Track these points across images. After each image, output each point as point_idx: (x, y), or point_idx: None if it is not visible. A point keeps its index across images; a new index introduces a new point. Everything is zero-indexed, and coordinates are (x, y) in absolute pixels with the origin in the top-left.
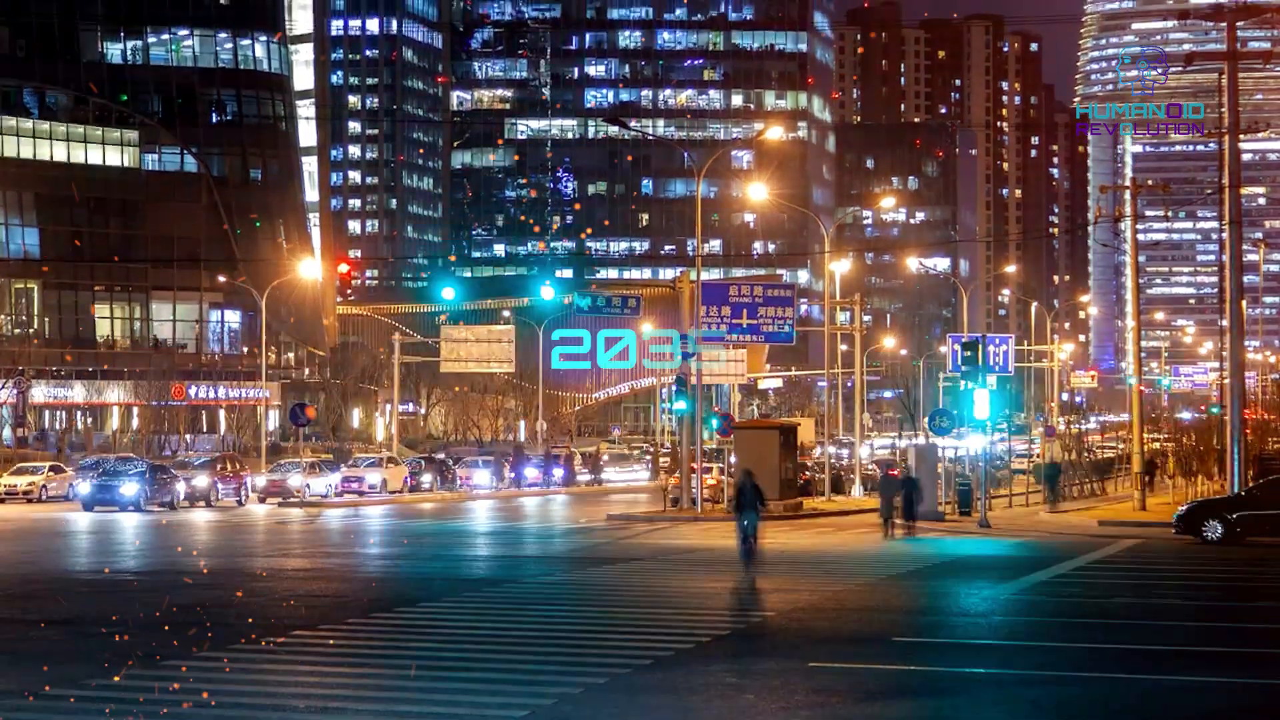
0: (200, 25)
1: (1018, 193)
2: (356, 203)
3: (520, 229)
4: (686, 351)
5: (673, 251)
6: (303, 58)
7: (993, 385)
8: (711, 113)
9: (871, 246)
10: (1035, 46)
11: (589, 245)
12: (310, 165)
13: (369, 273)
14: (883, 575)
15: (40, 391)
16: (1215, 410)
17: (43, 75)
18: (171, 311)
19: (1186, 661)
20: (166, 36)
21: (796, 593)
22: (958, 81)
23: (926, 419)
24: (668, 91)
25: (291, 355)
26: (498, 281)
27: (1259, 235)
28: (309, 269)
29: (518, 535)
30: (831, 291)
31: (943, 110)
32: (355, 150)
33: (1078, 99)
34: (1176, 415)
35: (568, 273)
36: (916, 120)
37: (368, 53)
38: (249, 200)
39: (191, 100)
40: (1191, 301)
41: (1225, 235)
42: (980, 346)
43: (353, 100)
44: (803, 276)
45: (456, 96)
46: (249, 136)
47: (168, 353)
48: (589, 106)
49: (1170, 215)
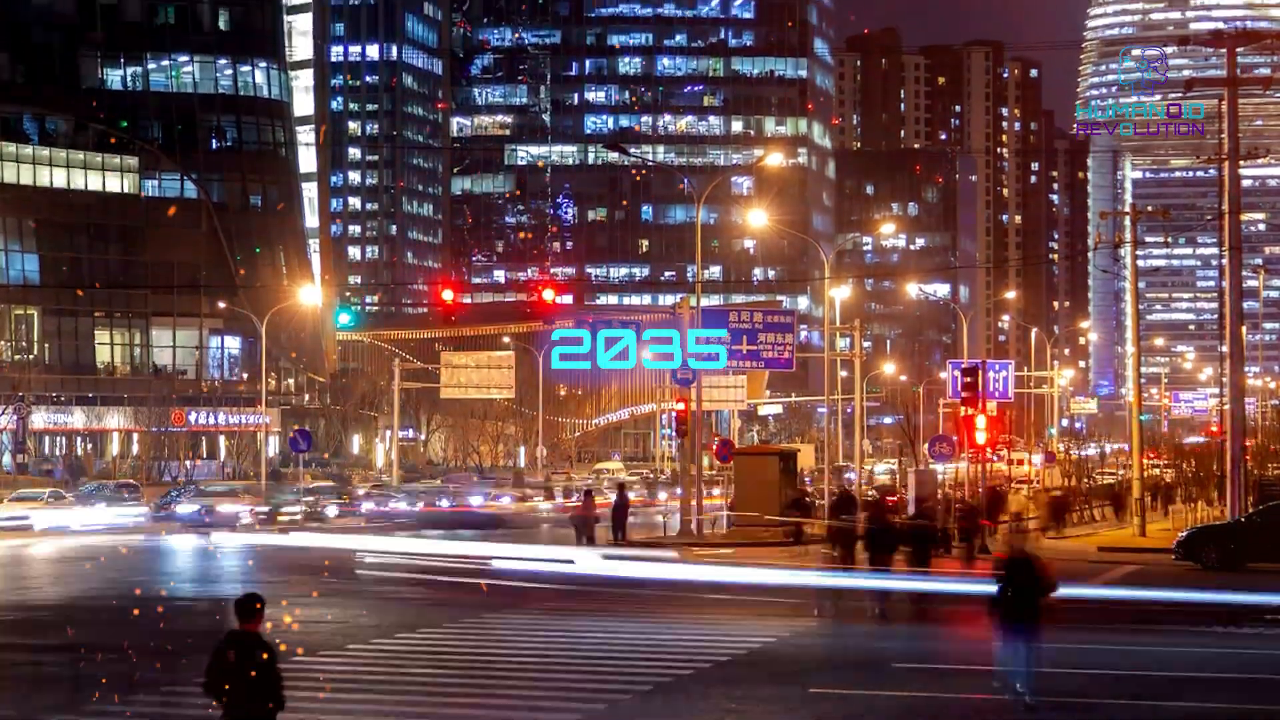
0: (200, 51)
1: (1018, 218)
2: (356, 229)
3: (520, 255)
4: (686, 378)
5: (673, 277)
6: (303, 84)
7: (993, 411)
8: (711, 139)
9: (871, 272)
10: (1035, 72)
11: (589, 271)
12: (310, 191)
13: (369, 298)
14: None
15: (40, 418)
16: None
17: (43, 101)
18: (171, 338)
19: (1187, 686)
20: (167, 63)
21: (798, 618)
22: (958, 107)
23: (927, 445)
24: (668, 117)
25: (291, 381)
26: (498, 307)
27: (1259, 261)
28: (309, 295)
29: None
30: (831, 317)
31: (943, 136)
32: (355, 176)
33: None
34: (1181, 440)
35: (568, 299)
36: (916, 146)
37: (368, 79)
38: (249, 226)
39: (191, 126)
40: (1191, 327)
41: (1225, 261)
42: (980, 372)
43: (353, 126)
44: (803, 303)
45: (456, 122)
46: (249, 163)
47: (168, 379)
48: (589, 132)
49: (1170, 241)
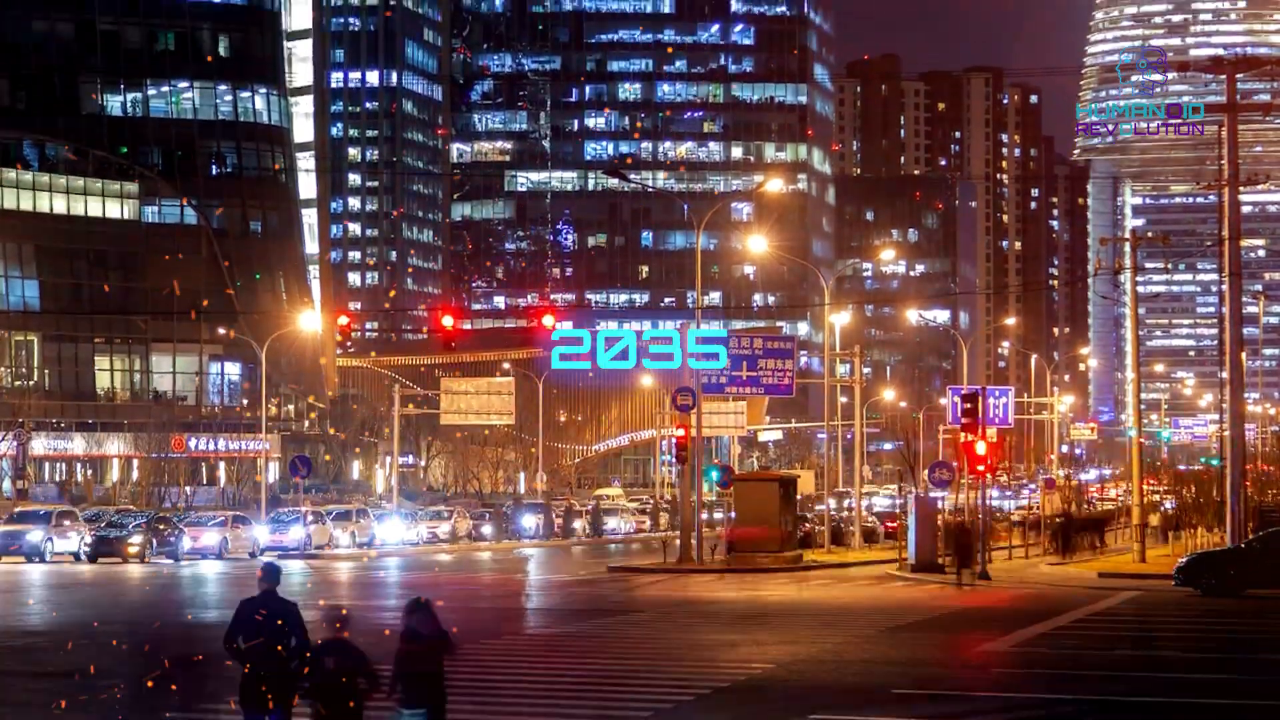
0: (200, 78)
1: (1017, 245)
2: (356, 255)
3: (520, 281)
4: (686, 405)
5: (673, 303)
6: (302, 110)
7: (993, 437)
8: (711, 165)
9: (871, 299)
10: (1035, 99)
11: (589, 297)
12: (310, 217)
13: (369, 325)
14: (882, 627)
15: (40, 443)
16: (1214, 462)
17: (43, 127)
18: (171, 363)
19: (1187, 714)
20: (166, 89)
21: (796, 644)
22: (957, 134)
23: (926, 471)
24: (667, 143)
25: (291, 407)
26: (498, 333)
27: (1259, 287)
28: (309, 321)
29: (518, 587)
30: (831, 344)
31: (942, 162)
32: (355, 202)
33: (1077, 150)
34: (1176, 466)
35: (568, 324)
36: (916, 172)
37: (367, 105)
38: (249, 252)
39: (191, 152)
40: (1191, 354)
41: (1225, 287)
42: (980, 399)
43: (352, 152)
44: (802, 329)
45: (456, 149)
46: (249, 189)
47: (168, 405)
48: (589, 158)
49: (1170, 267)
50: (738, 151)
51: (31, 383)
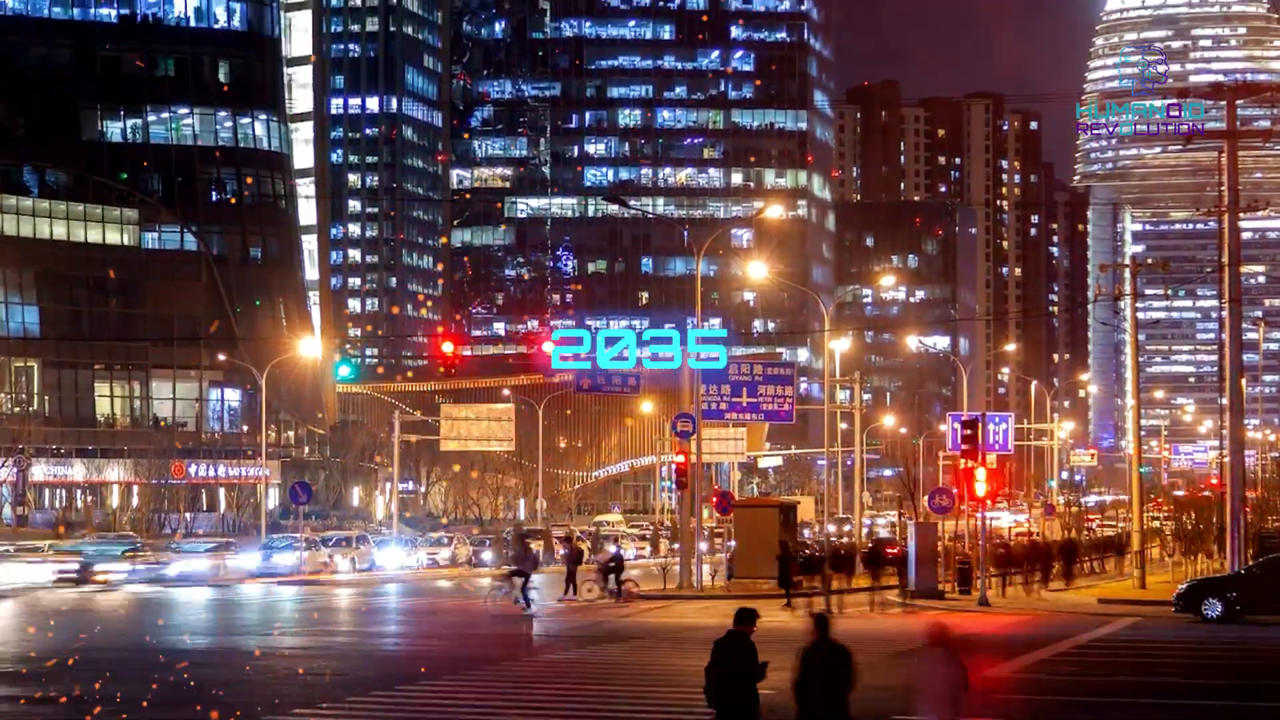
0: (200, 104)
1: (1017, 271)
2: (356, 281)
3: (520, 307)
4: (686, 431)
5: (673, 330)
6: (302, 136)
7: (993, 463)
8: (711, 191)
9: (871, 325)
10: (1035, 125)
11: (589, 323)
12: (310, 244)
13: (369, 351)
14: (882, 654)
15: (40, 470)
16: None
17: (43, 153)
18: (171, 390)
19: None
20: (166, 115)
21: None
22: (957, 160)
23: (926, 498)
24: (667, 170)
25: (291, 434)
26: (498, 360)
27: (1259, 314)
28: (309, 347)
29: (515, 612)
30: (831, 370)
31: (942, 188)
32: (355, 228)
33: (1077, 176)
34: (1173, 492)
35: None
36: (916, 199)
37: (367, 131)
38: (249, 279)
39: (191, 179)
40: (1191, 380)
41: (1225, 314)
42: (980, 425)
43: (352, 179)
44: (802, 355)
45: (456, 175)
46: (249, 215)
47: (168, 431)
48: (589, 185)
49: (1170, 293)
50: (738, 177)
51: (31, 409)
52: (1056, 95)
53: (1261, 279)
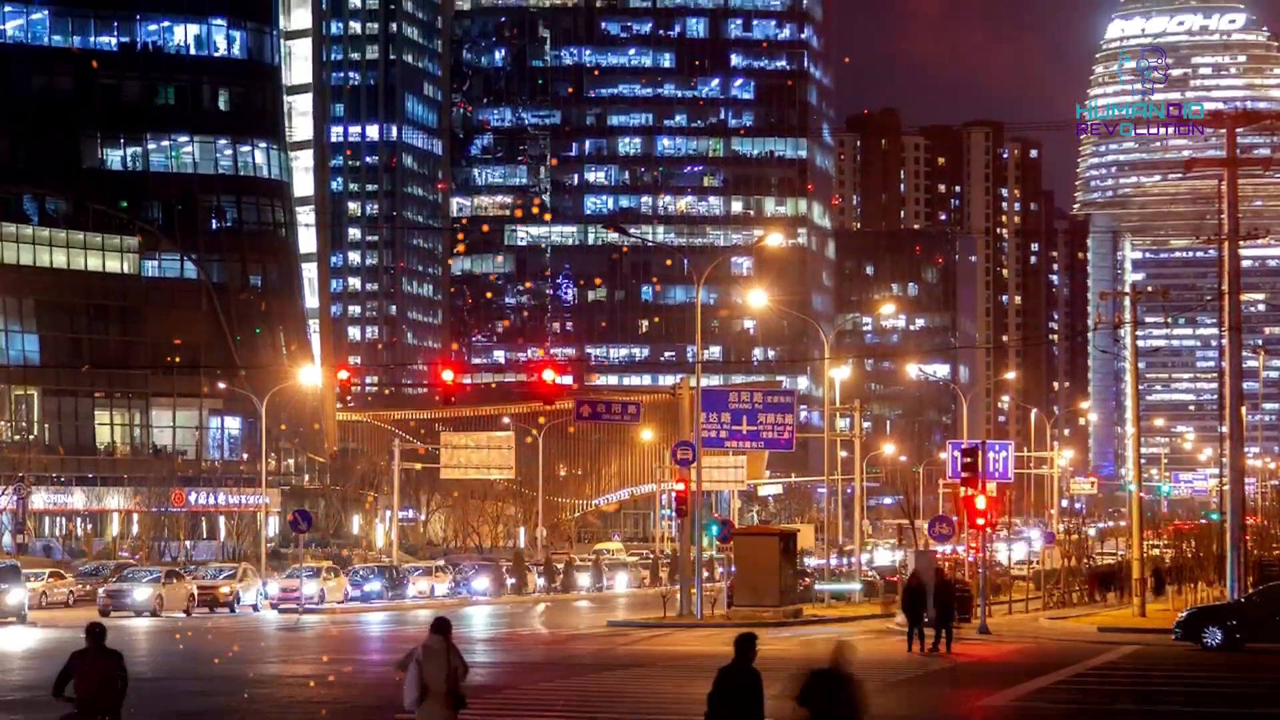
0: (200, 132)
1: (1018, 299)
2: (356, 309)
3: (520, 335)
4: (686, 459)
5: (673, 358)
6: (303, 164)
7: (993, 491)
8: (711, 219)
9: (871, 353)
10: (1035, 153)
11: (589, 351)
12: (310, 272)
13: (369, 379)
14: (882, 681)
15: (40, 498)
16: (1214, 516)
17: (43, 181)
18: (171, 418)
19: None
20: (167, 143)
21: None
22: (957, 188)
23: (927, 526)
24: (667, 198)
25: (291, 462)
26: (498, 388)
27: (1259, 342)
28: (309, 375)
29: (519, 641)
30: (831, 398)
31: (942, 216)
32: (355, 256)
33: (1077, 204)
34: (1172, 520)
35: (568, 379)
36: (916, 226)
37: (367, 159)
38: (249, 307)
39: (191, 207)
40: (1191, 408)
41: (1225, 342)
42: (980, 453)
43: (353, 207)
44: (802, 383)
45: (456, 203)
46: (249, 243)
47: (168, 459)
48: (589, 213)
49: (1170, 321)
50: (738, 206)
51: (31, 437)
52: (1057, 123)
53: (1261, 307)
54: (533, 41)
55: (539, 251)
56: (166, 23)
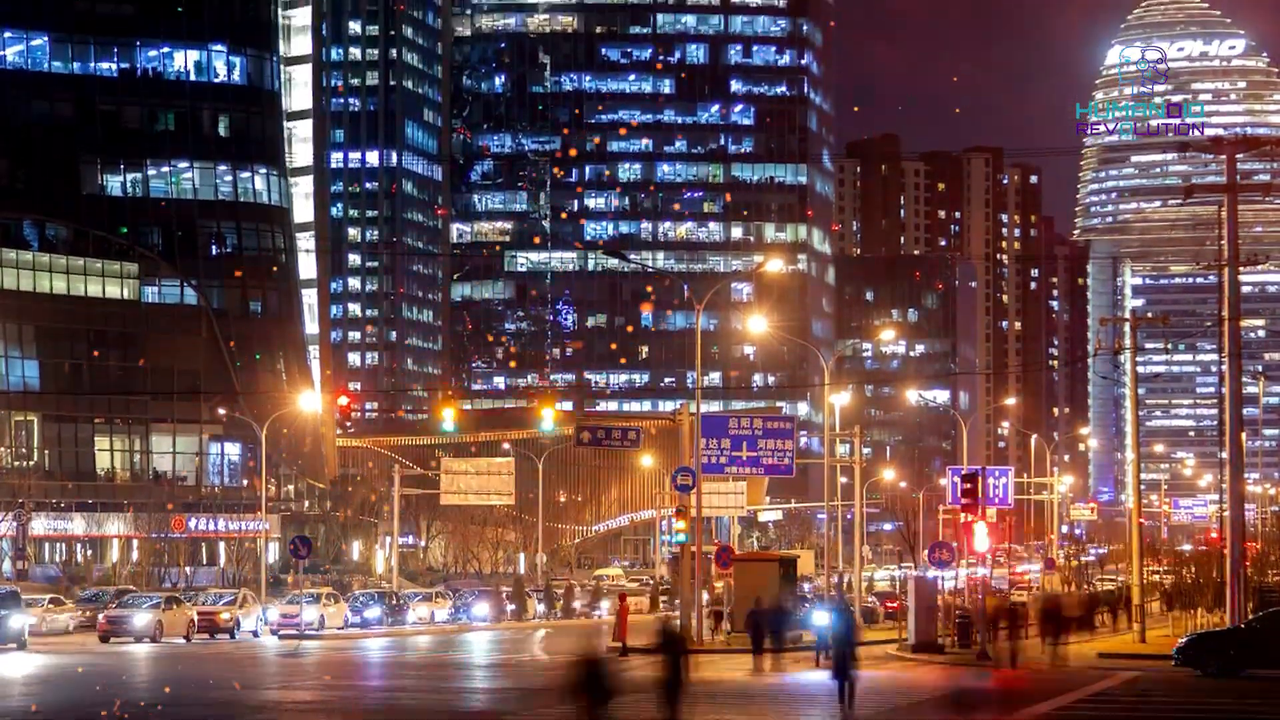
0: (200, 158)
1: (1017, 325)
2: (356, 335)
3: (520, 361)
4: (686, 485)
5: (673, 384)
6: (302, 190)
7: (993, 517)
8: (711, 245)
9: (871, 379)
10: (1035, 179)
11: (589, 377)
12: (310, 297)
13: (369, 405)
14: (884, 707)
15: (40, 524)
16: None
17: (43, 208)
18: (171, 444)
19: None
20: (166, 169)
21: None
22: (957, 213)
23: (926, 552)
24: (667, 224)
25: (291, 488)
26: (498, 414)
27: (1259, 368)
28: (309, 401)
29: (518, 666)
30: (831, 424)
31: (942, 242)
32: (355, 283)
33: (1077, 230)
34: (1174, 546)
35: (568, 405)
36: (916, 252)
37: (367, 185)
38: (249, 332)
39: (191, 233)
40: (1191, 434)
41: (1225, 368)
42: (980, 479)
43: (352, 233)
44: (802, 409)
45: (456, 229)
46: (249, 269)
47: (168, 485)
48: (589, 239)
49: (1170, 348)
50: (738, 232)
51: (31, 463)
52: (1057, 149)
53: (1262, 333)
54: (533, 68)
55: (539, 277)
56: (167, 49)
